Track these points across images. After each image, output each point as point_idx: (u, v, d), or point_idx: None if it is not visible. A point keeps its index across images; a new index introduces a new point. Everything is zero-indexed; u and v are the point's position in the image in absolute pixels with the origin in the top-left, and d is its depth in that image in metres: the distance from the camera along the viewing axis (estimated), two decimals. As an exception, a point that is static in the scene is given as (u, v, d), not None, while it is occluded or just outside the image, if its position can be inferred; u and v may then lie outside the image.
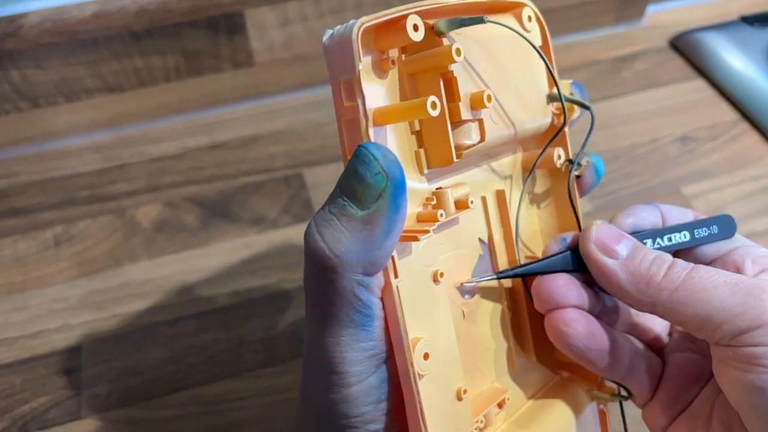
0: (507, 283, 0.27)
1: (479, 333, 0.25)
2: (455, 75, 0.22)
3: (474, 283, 0.24)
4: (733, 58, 0.57)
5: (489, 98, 0.22)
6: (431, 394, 0.21)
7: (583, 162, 0.27)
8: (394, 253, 0.20)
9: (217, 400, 0.37)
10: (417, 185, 0.22)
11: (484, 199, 0.26)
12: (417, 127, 0.22)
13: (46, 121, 0.51)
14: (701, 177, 0.50)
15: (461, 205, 0.23)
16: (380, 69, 0.21)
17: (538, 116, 0.26)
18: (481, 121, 0.23)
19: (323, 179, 0.49)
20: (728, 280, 0.21)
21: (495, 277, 0.24)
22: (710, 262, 0.26)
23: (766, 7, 0.64)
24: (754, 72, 0.56)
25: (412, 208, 0.22)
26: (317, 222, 0.20)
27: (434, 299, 0.22)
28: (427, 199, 0.22)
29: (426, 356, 0.21)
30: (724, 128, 0.53)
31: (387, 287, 0.21)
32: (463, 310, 0.24)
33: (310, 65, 0.55)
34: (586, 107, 0.26)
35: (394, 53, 0.22)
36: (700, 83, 0.57)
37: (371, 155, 0.19)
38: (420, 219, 0.22)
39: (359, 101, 0.20)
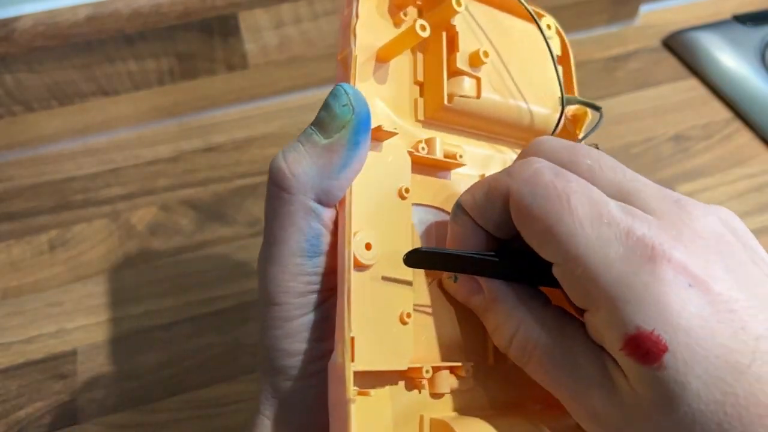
0: None
1: (438, 311, 0.23)
2: (458, 31, 0.24)
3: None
4: (726, 57, 0.58)
5: (486, 54, 0.24)
6: (365, 292, 0.20)
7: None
8: None
9: (214, 404, 0.37)
10: (411, 129, 0.24)
11: (483, 177, 0.26)
12: (420, 78, 0.24)
13: (39, 125, 0.51)
14: (695, 176, 0.50)
15: (450, 155, 0.24)
16: (393, 23, 0.24)
17: (547, 111, 0.27)
18: (478, 79, 0.24)
19: (318, 181, 0.49)
20: None
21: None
22: None
23: (759, 6, 0.64)
24: (747, 71, 0.56)
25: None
26: (284, 148, 0.21)
27: (394, 212, 0.22)
28: (418, 142, 0.24)
29: (368, 246, 0.20)
30: (717, 127, 0.54)
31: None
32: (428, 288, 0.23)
33: (305, 67, 0.55)
34: (596, 108, 0.28)
35: (412, 14, 0.24)
36: (693, 82, 0.58)
37: (343, 90, 0.21)
38: None
39: (352, 40, 0.22)
